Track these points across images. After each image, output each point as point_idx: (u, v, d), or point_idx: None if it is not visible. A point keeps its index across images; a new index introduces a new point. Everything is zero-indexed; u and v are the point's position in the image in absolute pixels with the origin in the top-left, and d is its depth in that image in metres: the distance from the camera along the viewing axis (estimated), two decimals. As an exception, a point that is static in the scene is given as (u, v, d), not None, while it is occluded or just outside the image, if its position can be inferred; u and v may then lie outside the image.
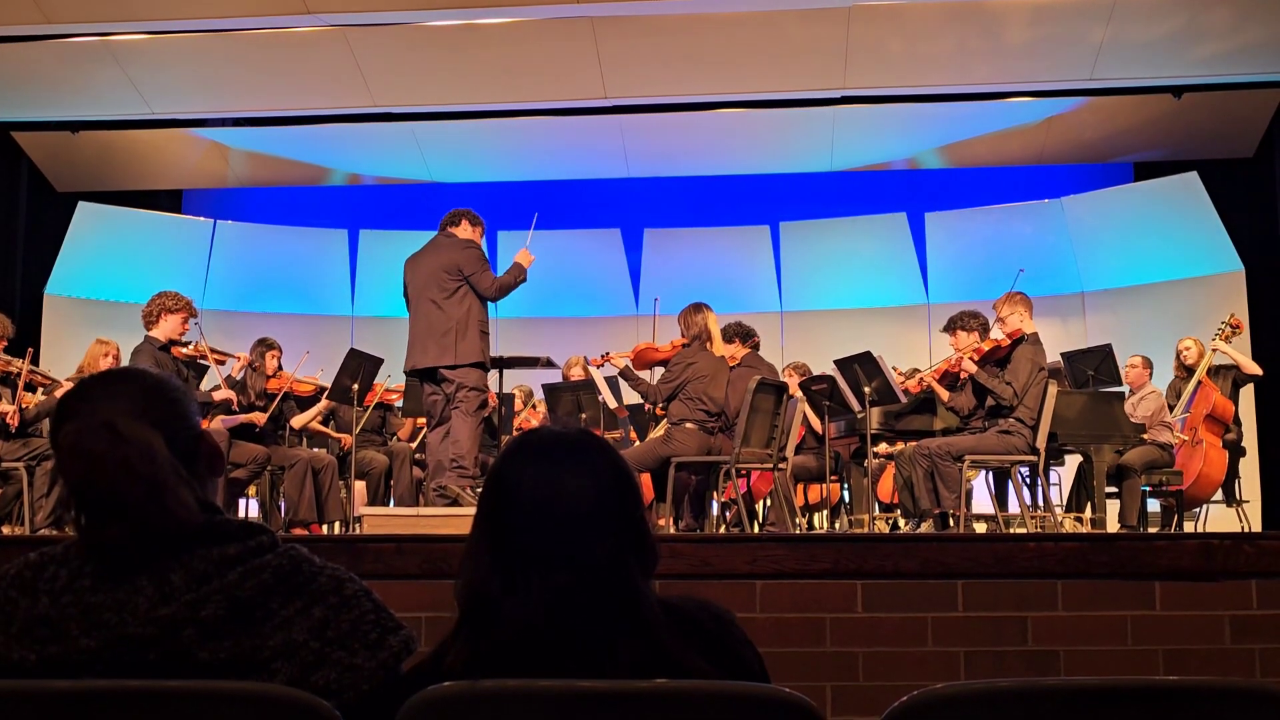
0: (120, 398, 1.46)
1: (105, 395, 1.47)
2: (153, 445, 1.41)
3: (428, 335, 5.73)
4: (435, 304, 5.72)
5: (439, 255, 5.82)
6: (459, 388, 5.68)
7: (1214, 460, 6.95)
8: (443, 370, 5.70)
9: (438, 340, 5.69)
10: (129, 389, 1.48)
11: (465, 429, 5.64)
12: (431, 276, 5.77)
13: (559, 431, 1.51)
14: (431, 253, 5.88)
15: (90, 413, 1.43)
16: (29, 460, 5.81)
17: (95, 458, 1.38)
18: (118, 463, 1.38)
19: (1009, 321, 6.05)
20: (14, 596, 1.38)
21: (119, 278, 9.95)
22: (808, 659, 3.33)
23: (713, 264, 10.51)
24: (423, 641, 1.44)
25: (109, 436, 1.39)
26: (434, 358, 5.70)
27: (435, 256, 5.83)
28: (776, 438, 6.12)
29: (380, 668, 1.40)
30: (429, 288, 5.76)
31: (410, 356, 5.83)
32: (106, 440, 1.39)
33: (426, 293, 5.77)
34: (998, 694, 1.28)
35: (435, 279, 5.76)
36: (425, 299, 5.76)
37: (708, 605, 1.48)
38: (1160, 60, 8.39)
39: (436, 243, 5.92)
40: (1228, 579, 3.38)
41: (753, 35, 8.23)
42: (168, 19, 7.84)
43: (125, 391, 1.47)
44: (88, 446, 1.39)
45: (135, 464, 1.38)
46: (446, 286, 5.73)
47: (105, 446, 1.38)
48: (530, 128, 9.74)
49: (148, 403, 1.47)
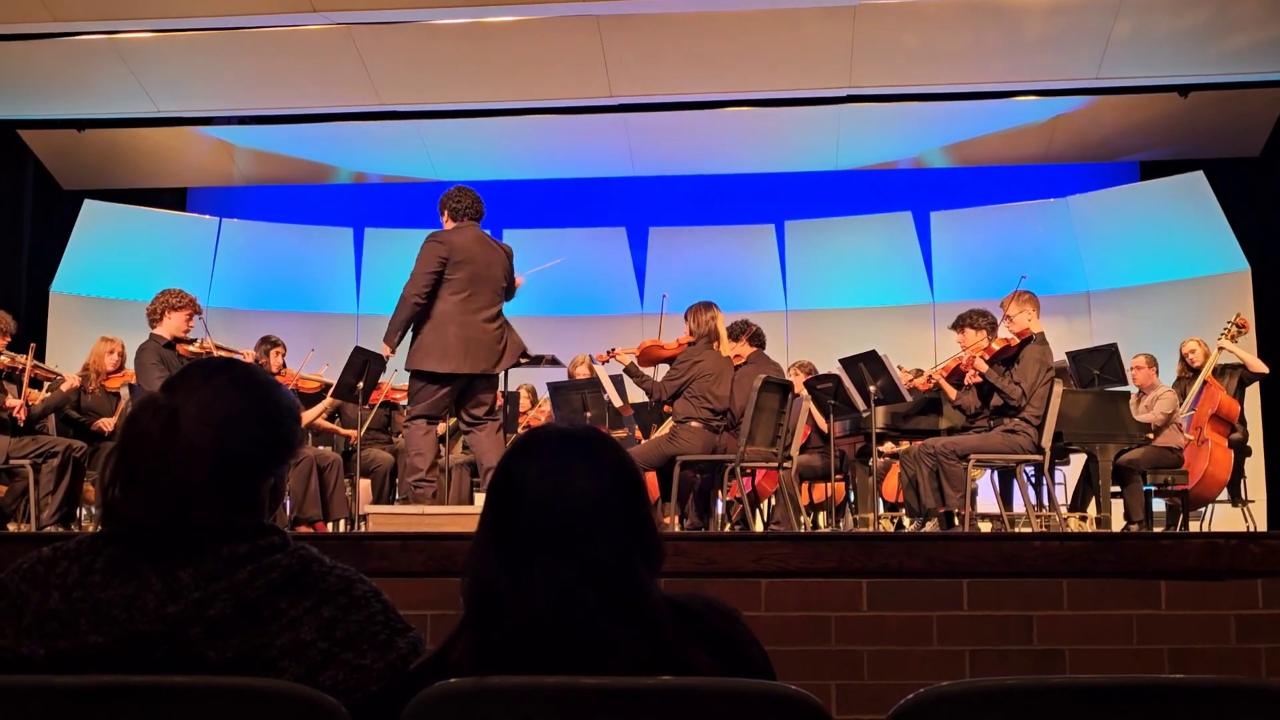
0: (209, 395, 1.44)
1: (201, 385, 1.45)
2: (199, 451, 1.40)
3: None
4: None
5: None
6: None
7: (1219, 459, 6.94)
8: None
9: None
10: (226, 392, 1.46)
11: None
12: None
13: (565, 429, 1.51)
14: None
15: (176, 392, 1.43)
16: (35, 457, 5.82)
17: (143, 433, 1.39)
18: (158, 448, 1.38)
19: (1017, 320, 6.04)
20: (25, 590, 1.39)
21: (124, 276, 9.97)
22: (813, 657, 3.33)
23: (718, 263, 10.51)
24: (428, 639, 1.44)
25: (166, 423, 1.39)
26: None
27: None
28: (781, 436, 6.12)
29: (388, 669, 1.40)
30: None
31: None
32: (161, 425, 1.39)
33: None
34: (1003, 692, 1.28)
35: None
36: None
37: (713, 603, 1.48)
38: (1167, 59, 8.38)
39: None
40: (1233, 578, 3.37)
41: (758, 34, 8.22)
42: (174, 17, 7.86)
43: (219, 392, 1.46)
44: (144, 419, 1.40)
45: (173, 459, 1.39)
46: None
47: (157, 429, 1.39)
48: (536, 126, 9.74)
49: (231, 415, 1.45)
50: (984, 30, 8.25)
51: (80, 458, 5.93)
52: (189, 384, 1.45)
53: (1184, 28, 8.06)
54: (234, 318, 9.84)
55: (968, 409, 6.24)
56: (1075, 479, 7.10)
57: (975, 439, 5.94)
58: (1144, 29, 8.05)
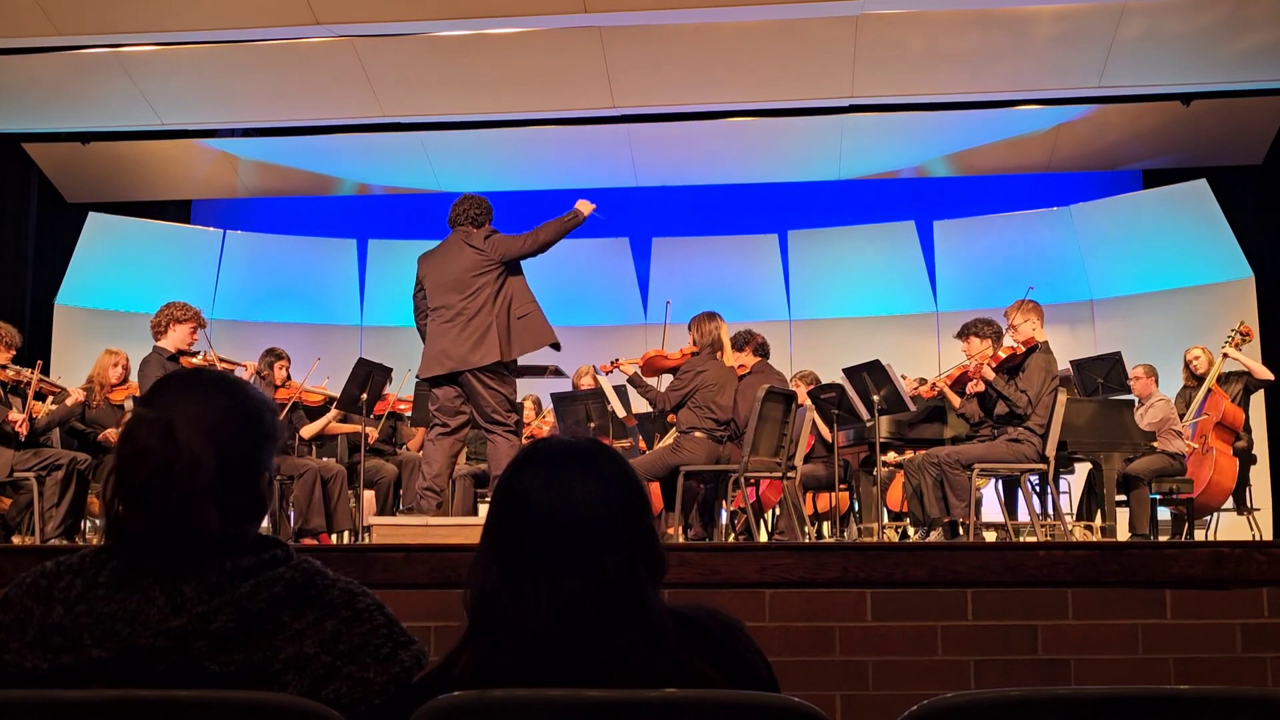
0: (195, 402, 1.45)
1: (182, 394, 1.46)
2: (200, 459, 1.40)
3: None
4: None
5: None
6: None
7: (1224, 468, 6.92)
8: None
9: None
10: (209, 397, 1.47)
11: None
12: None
13: (568, 440, 1.51)
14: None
15: (164, 405, 1.43)
16: (39, 470, 5.82)
17: (143, 449, 1.39)
18: (161, 462, 1.39)
19: (1022, 329, 6.04)
20: (29, 605, 1.39)
21: (129, 288, 9.99)
22: (817, 668, 3.32)
23: (721, 273, 10.51)
24: (431, 650, 1.44)
25: (164, 435, 1.40)
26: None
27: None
28: (785, 446, 6.11)
29: (391, 682, 1.40)
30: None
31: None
32: (160, 438, 1.39)
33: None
34: (1008, 703, 1.27)
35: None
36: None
37: (717, 614, 1.48)
38: (1169, 67, 8.38)
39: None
40: (1239, 587, 3.36)
41: (760, 44, 8.23)
42: (177, 30, 7.86)
43: (203, 398, 1.46)
44: (140, 436, 1.40)
45: (176, 470, 1.39)
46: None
47: (156, 443, 1.39)
48: (538, 137, 9.75)
49: (221, 419, 1.45)
50: (986, 39, 8.25)
51: (85, 470, 5.93)
52: (168, 396, 1.46)
53: (1187, 36, 8.06)
54: (238, 329, 9.86)
55: (972, 418, 6.24)
56: (1080, 488, 7.09)
57: (980, 448, 5.93)
58: (1146, 37, 8.05)
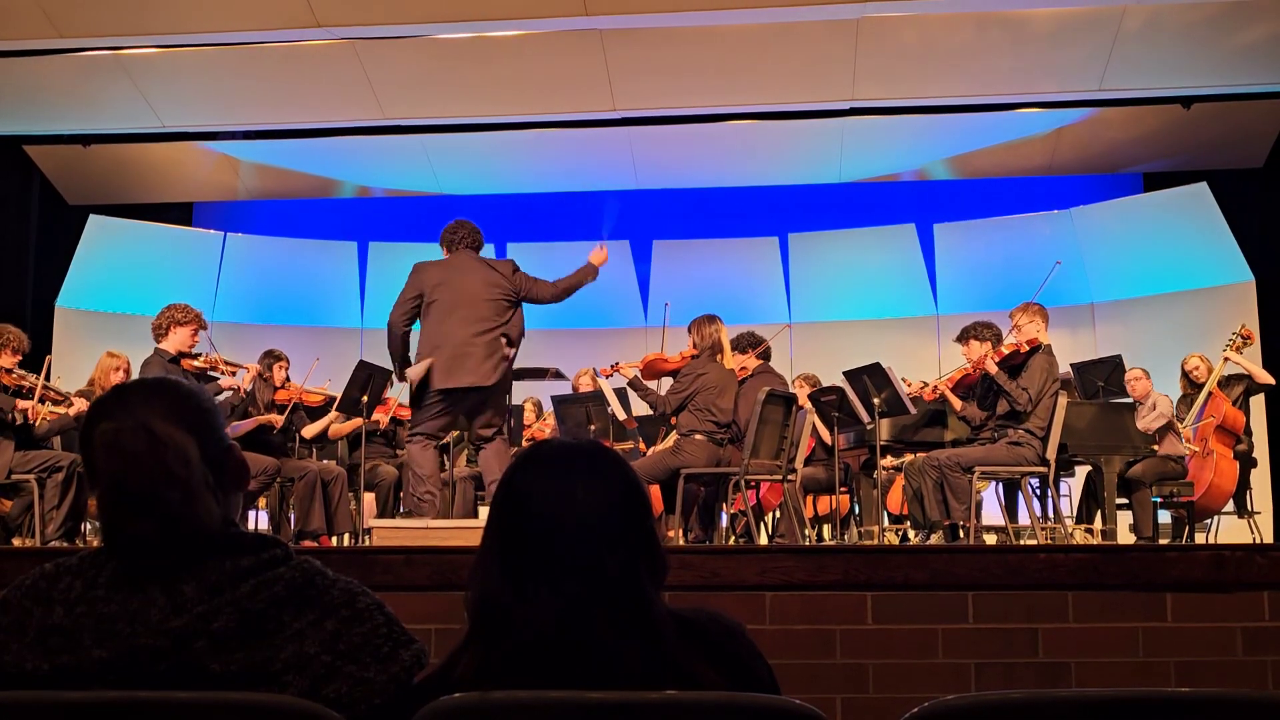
0: (156, 403, 1.46)
1: (142, 399, 1.47)
2: (188, 450, 1.42)
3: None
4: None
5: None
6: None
7: (1225, 471, 6.92)
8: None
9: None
10: (164, 395, 1.49)
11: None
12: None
13: (569, 443, 1.52)
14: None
15: (127, 414, 1.44)
16: (40, 472, 5.82)
17: (133, 456, 1.40)
18: (155, 463, 1.40)
19: (1026, 330, 6.04)
20: (29, 606, 1.39)
21: (130, 290, 9.99)
22: (818, 670, 3.32)
23: (721, 275, 10.51)
24: (432, 653, 1.44)
25: (147, 437, 1.41)
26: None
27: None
28: (786, 449, 6.11)
29: (391, 681, 1.40)
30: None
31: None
32: (145, 440, 1.40)
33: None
34: (1009, 706, 1.27)
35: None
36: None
37: (718, 617, 1.48)
38: (1169, 71, 8.38)
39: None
40: (1240, 590, 3.36)
41: (761, 48, 8.23)
42: (179, 33, 7.87)
43: (161, 397, 1.48)
44: (126, 445, 1.41)
45: (172, 466, 1.40)
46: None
47: (144, 446, 1.40)
48: (539, 140, 9.75)
49: (182, 410, 1.47)
50: (986, 42, 8.25)
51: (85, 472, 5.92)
52: (131, 402, 1.46)
53: (1187, 38, 8.06)
54: (239, 332, 9.85)
55: (973, 420, 6.24)
56: (1080, 491, 7.08)
57: (980, 451, 5.93)
58: (1146, 40, 8.05)
